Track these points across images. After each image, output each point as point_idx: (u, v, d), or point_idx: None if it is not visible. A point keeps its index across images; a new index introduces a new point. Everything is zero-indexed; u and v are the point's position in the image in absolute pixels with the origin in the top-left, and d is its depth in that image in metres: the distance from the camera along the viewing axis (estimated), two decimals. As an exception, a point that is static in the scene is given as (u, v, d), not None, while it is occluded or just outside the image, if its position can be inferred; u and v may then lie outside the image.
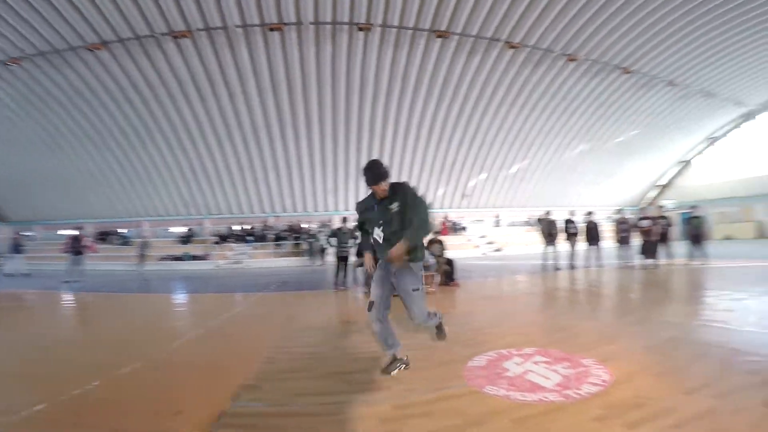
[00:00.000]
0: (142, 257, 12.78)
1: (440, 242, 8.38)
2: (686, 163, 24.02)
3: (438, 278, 7.68)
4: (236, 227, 18.94)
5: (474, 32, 13.26)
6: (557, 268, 9.82)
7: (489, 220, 22.57)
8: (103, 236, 18.38)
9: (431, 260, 7.24)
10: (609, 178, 22.94)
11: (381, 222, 2.75)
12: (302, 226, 18.44)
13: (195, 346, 3.95)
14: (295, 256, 16.92)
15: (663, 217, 9.70)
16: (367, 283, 7.36)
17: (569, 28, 13.30)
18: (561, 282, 7.85)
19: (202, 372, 3.08)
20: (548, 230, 10.27)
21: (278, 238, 17.86)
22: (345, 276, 8.04)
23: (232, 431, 2.01)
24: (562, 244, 10.25)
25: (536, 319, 4.59)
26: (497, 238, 20.54)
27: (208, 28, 12.31)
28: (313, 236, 16.90)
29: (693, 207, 10.45)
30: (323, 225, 18.10)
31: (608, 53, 14.63)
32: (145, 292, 9.12)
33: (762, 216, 19.98)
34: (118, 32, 12.07)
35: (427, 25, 12.87)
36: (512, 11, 12.54)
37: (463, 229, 20.47)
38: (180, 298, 8.34)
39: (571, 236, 10.30)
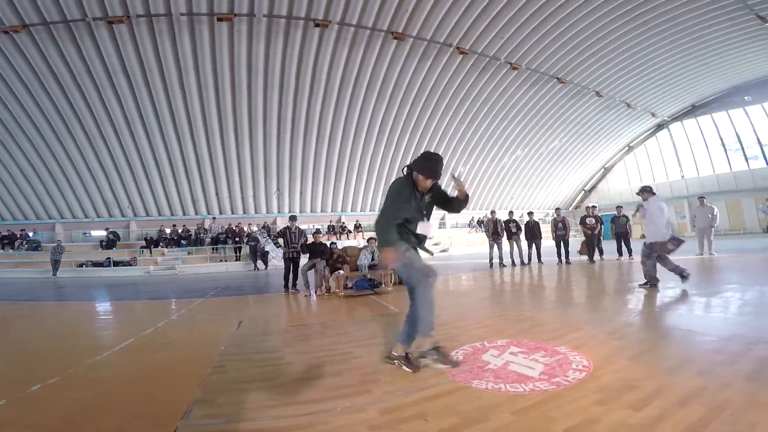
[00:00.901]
0: (56, 263, 11.23)
1: (396, 242, 8.30)
2: (608, 169, 26.54)
3: (394, 277, 7.58)
4: (168, 230, 17.24)
5: (428, 36, 13.56)
6: (503, 265, 10.31)
7: (435, 222, 23.04)
8: (8, 241, 15.75)
9: (386, 260, 7.14)
10: (542, 183, 24.61)
11: (425, 214, 2.74)
12: (243, 228, 17.30)
13: (127, 357, 3.39)
14: (236, 261, 15.90)
15: (596, 218, 10.52)
16: (321, 284, 7.04)
17: (514, 37, 14.13)
18: (510, 277, 8.11)
19: (138, 386, 2.58)
20: (493, 229, 10.67)
21: (216, 241, 16.57)
22: (296, 278, 7.63)
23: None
24: (506, 242, 10.71)
25: (498, 312, 4.59)
26: (443, 239, 21.03)
27: (149, 15, 11.17)
28: (255, 239, 16.01)
29: (618, 207, 11.44)
30: (265, 227, 17.20)
31: (546, 63, 15.73)
32: (62, 300, 7.98)
33: (671, 218, 22.62)
34: (44, 14, 10.61)
35: (385, 26, 12.91)
36: (465, 18, 13.05)
37: (412, 230, 20.67)
38: (105, 306, 7.35)
39: (514, 235, 10.80)
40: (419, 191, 2.68)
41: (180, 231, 17.05)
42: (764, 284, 5.14)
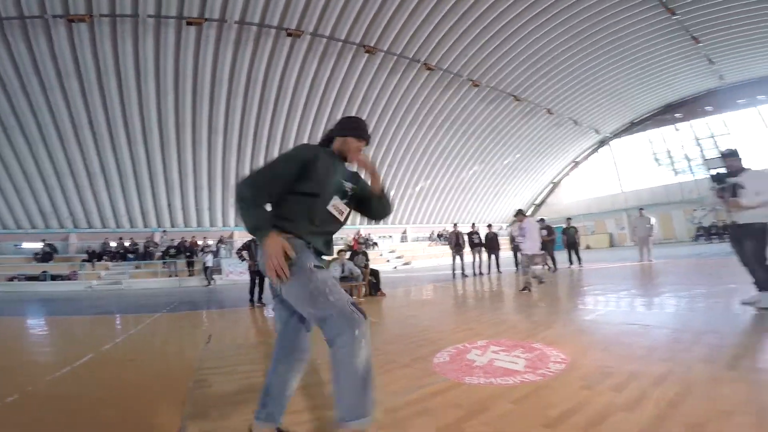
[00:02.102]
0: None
1: (365, 254, 8.39)
2: (556, 184, 28.34)
3: (364, 289, 7.61)
4: (113, 243, 16.00)
5: (399, 51, 13.99)
6: (465, 275, 10.67)
7: (397, 236, 23.33)
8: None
9: (357, 271, 7.17)
10: (498, 197, 25.79)
11: (350, 194, 1.74)
12: (197, 242, 16.41)
13: (90, 373, 3.15)
14: (189, 276, 15.05)
15: (549, 228, 11.19)
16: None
17: (477, 56, 14.99)
18: (474, 286, 8.42)
19: (114, 403, 2.41)
20: (456, 241, 11.04)
21: (167, 255, 15.61)
22: (261, 291, 7.39)
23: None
24: (467, 254, 11.11)
25: (471, 317, 4.75)
26: (405, 252, 21.31)
27: (114, 15, 10.63)
28: (211, 253, 15.30)
29: (568, 219, 12.25)
30: (222, 241, 16.44)
31: (504, 81, 16.76)
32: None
33: (612, 229, 24.50)
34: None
35: (358, 39, 13.15)
36: (434, 35, 13.67)
37: (375, 244, 20.75)
38: (48, 320, 6.73)
39: (476, 246, 11.23)
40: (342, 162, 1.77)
41: (127, 244, 15.88)
42: (700, 284, 5.75)
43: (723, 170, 4.00)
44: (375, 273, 8.12)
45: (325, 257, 1.71)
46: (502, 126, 19.93)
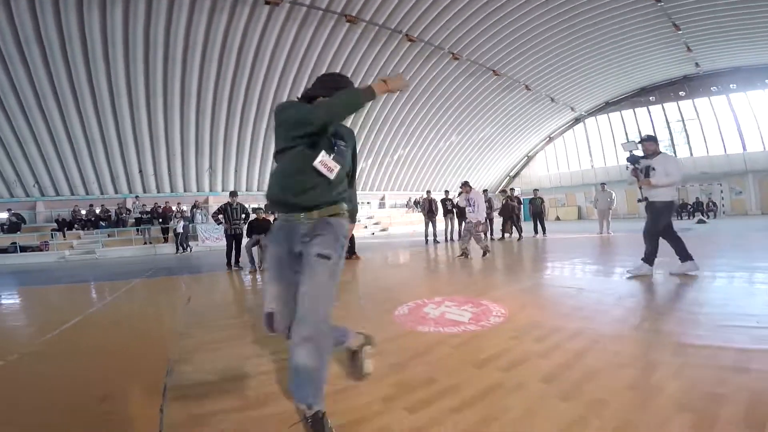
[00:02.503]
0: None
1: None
2: (531, 157, 29.02)
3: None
4: (84, 211, 15.58)
5: (381, 21, 13.68)
6: (437, 242, 11.21)
7: (375, 202, 23.66)
8: None
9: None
10: (473, 167, 26.28)
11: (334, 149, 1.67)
12: (171, 208, 16.20)
13: (81, 334, 3.37)
14: (164, 243, 14.94)
15: (517, 199, 11.74)
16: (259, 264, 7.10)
17: (459, 29, 14.85)
18: (444, 252, 8.92)
19: (105, 356, 2.68)
20: (429, 208, 11.45)
21: (139, 222, 15.38)
22: (238, 255, 7.59)
23: (190, 402, 1.85)
24: (440, 221, 11.58)
25: (434, 278, 5.20)
26: (383, 218, 21.75)
27: None
28: (187, 219, 15.20)
29: (535, 190, 12.83)
30: (196, 206, 16.25)
31: (485, 56, 16.72)
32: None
33: (581, 202, 25.61)
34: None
35: (339, 8, 12.77)
36: (417, 6, 13.38)
37: (353, 210, 21.01)
38: (28, 290, 6.74)
39: (448, 213, 11.68)
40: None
41: (98, 211, 15.50)
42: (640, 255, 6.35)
43: (640, 153, 4.51)
44: (350, 237, 8.45)
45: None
46: (480, 99, 20.06)
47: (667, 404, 1.55)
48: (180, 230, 14.19)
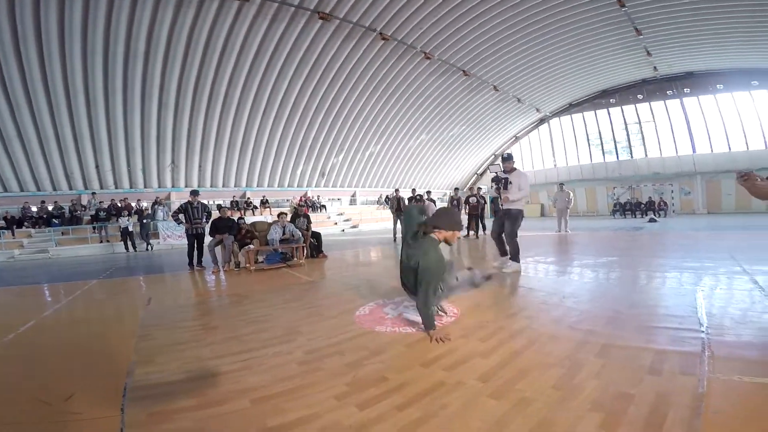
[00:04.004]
0: None
1: (307, 217, 8.63)
2: (497, 156, 29.83)
3: (305, 251, 7.97)
4: (34, 208, 14.69)
5: (354, 19, 13.67)
6: (405, 240, 11.38)
7: (346, 199, 23.67)
8: None
9: (298, 233, 7.44)
10: (442, 165, 26.80)
11: None
12: (130, 204, 15.57)
13: (37, 337, 3.29)
14: (120, 241, 14.26)
15: (482, 197, 12.15)
16: (230, 260, 7.06)
17: (432, 29, 15.09)
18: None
19: (63, 358, 2.68)
20: (396, 206, 11.64)
21: (95, 218, 14.60)
22: (201, 255, 7.47)
23: (150, 402, 1.91)
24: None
25: (397, 277, 5.28)
26: (353, 215, 21.82)
27: None
28: (147, 216, 14.68)
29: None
30: (158, 202, 15.70)
31: (456, 56, 17.08)
32: None
33: (544, 200, 26.64)
34: None
35: (312, 5, 12.67)
36: (392, 5, 13.47)
37: (323, 207, 20.96)
38: None
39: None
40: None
41: (51, 208, 14.64)
42: (593, 255, 6.80)
43: (501, 171, 5.35)
44: (317, 235, 8.48)
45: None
46: (450, 99, 20.47)
47: (583, 403, 1.72)
48: (130, 228, 13.63)
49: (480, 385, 1.94)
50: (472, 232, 11.79)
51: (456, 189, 13.12)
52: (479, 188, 12.51)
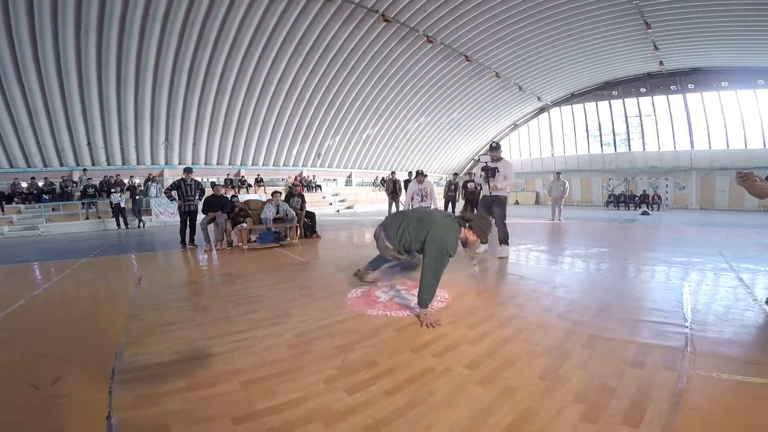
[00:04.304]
0: None
1: (301, 196, 8.57)
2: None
3: (299, 231, 7.94)
4: (24, 184, 14.36)
5: (356, 0, 13.34)
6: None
7: (341, 180, 23.55)
8: None
9: (292, 213, 7.38)
10: (440, 150, 26.64)
11: None
12: (123, 180, 15.28)
13: (25, 317, 3.24)
14: (112, 218, 13.88)
15: (479, 184, 12.11)
16: (222, 238, 7.01)
17: (435, 13, 14.71)
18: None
19: (51, 340, 2.64)
20: (392, 188, 11.62)
21: (85, 195, 14.12)
22: (193, 233, 7.39)
23: (139, 384, 1.91)
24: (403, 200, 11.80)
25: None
26: (349, 196, 21.75)
27: None
28: (140, 192, 14.48)
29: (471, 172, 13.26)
30: (151, 179, 15.46)
31: (459, 41, 16.72)
32: None
33: (540, 188, 26.73)
34: None
35: None
36: None
37: (318, 187, 20.86)
38: None
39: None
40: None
41: (41, 185, 14.29)
42: (584, 245, 6.85)
43: (489, 160, 5.58)
44: (311, 215, 8.43)
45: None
46: (450, 83, 20.16)
47: (567, 394, 1.75)
48: (122, 204, 13.46)
49: (467, 373, 1.96)
50: None
51: (455, 174, 13.07)
52: (473, 173, 12.45)
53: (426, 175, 7.69)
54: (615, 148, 24.49)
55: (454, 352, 2.22)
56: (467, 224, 2.89)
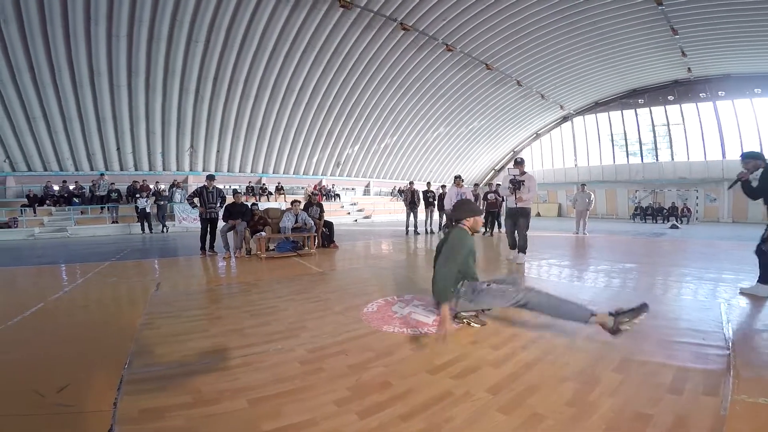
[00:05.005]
0: None
1: (320, 205, 8.57)
2: (516, 153, 29.26)
3: (318, 240, 7.93)
4: (56, 187, 14.97)
5: (376, 8, 13.46)
6: (417, 233, 11.33)
7: (360, 189, 23.61)
8: None
9: (310, 222, 7.38)
10: (459, 160, 26.39)
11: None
12: (149, 186, 15.74)
13: (44, 320, 3.28)
14: (137, 222, 14.24)
15: (498, 194, 11.87)
16: (241, 246, 7.06)
17: (454, 21, 14.65)
18: (422, 243, 9.00)
19: (65, 345, 2.65)
20: (411, 199, 11.52)
21: (106, 199, 14.57)
22: (213, 240, 7.48)
23: (144, 397, 1.85)
24: (421, 211, 11.67)
25: (408, 273, 5.25)
26: (367, 205, 21.76)
27: None
28: (166, 198, 14.86)
29: (498, 184, 12.97)
30: (176, 185, 15.89)
31: (479, 49, 16.59)
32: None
33: (562, 199, 26.07)
34: None
35: None
36: None
37: (337, 196, 20.96)
38: None
39: (429, 204, 11.78)
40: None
41: (72, 188, 14.86)
42: (611, 260, 6.55)
43: (517, 173, 6.02)
44: (329, 225, 8.41)
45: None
46: (471, 92, 20.00)
47: (598, 423, 1.60)
48: (148, 209, 13.82)
49: (489, 398, 1.83)
50: (488, 229, 11.53)
51: (476, 185, 12.91)
52: (498, 184, 12.20)
53: (462, 181, 8.24)
54: (641, 159, 23.67)
55: (475, 374, 2.08)
56: (461, 221, 2.96)
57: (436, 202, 11.87)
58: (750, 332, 2.71)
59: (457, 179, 8.32)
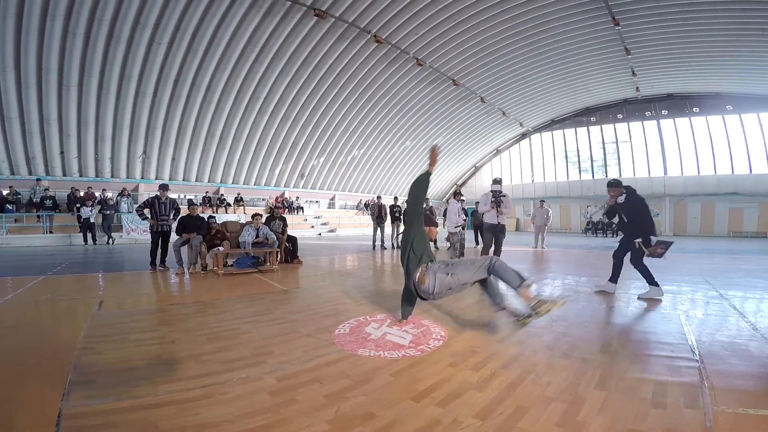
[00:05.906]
0: None
1: (283, 219, 8.23)
2: (478, 168, 30.18)
3: (281, 255, 7.58)
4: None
5: (350, 19, 13.44)
6: (384, 247, 11.21)
7: (324, 202, 23.22)
8: None
9: (272, 237, 7.02)
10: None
11: None
12: (94, 194, 14.52)
13: None
14: (79, 233, 13.10)
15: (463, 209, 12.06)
16: (196, 261, 6.59)
17: (426, 36, 14.98)
18: (390, 259, 8.87)
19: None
20: (378, 213, 11.42)
21: (41, 207, 13.25)
22: (165, 254, 6.94)
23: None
24: (388, 226, 11.59)
25: (378, 290, 5.07)
26: (332, 219, 21.39)
27: None
28: (112, 207, 13.77)
29: (477, 203, 13.27)
30: (124, 194, 14.76)
31: (447, 65, 17.07)
32: None
33: (520, 215, 27.04)
34: None
35: (309, 1, 12.44)
36: (389, 9, 13.33)
37: (300, 208, 20.45)
38: None
39: (396, 219, 11.73)
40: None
41: (5, 193, 13.37)
42: (572, 274, 6.76)
43: (499, 190, 6.70)
44: (292, 239, 8.08)
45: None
46: (438, 107, 20.46)
47: None
48: (92, 219, 12.77)
49: (479, 424, 1.73)
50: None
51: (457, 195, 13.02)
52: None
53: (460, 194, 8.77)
54: (592, 175, 25.10)
55: (460, 399, 1.96)
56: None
57: (402, 217, 11.84)
58: (713, 343, 2.83)
59: (458, 194, 8.65)
